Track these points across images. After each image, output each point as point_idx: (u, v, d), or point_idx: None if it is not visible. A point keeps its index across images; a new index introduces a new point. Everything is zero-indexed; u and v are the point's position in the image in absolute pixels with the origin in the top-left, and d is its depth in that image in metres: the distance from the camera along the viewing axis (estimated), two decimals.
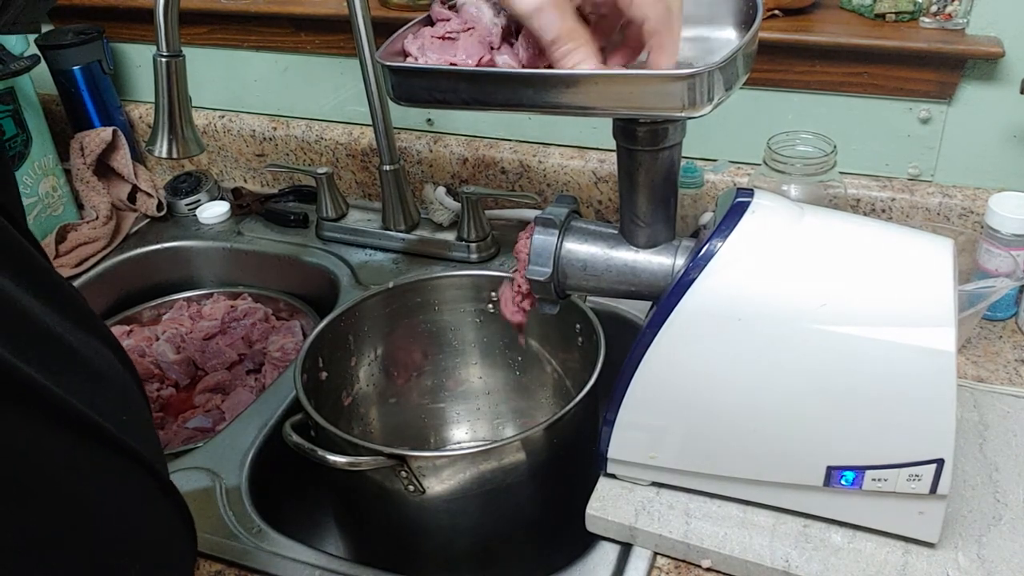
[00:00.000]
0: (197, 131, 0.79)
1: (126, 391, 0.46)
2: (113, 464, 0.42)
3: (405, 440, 0.88)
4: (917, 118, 0.88)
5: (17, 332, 0.37)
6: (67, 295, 0.43)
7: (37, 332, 0.39)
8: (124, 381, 0.46)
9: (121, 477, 0.43)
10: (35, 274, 0.41)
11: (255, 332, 1.01)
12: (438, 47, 0.53)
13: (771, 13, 0.89)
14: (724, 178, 0.96)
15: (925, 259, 0.54)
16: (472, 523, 0.69)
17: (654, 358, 0.57)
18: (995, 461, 0.65)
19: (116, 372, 0.46)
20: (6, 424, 0.35)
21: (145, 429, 0.47)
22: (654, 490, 0.65)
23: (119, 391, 0.45)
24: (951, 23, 0.84)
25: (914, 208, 0.90)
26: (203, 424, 0.92)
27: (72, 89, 1.14)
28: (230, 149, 1.20)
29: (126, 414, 0.44)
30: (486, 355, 0.88)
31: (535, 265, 0.60)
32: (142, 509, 0.45)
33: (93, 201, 1.10)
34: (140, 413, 0.47)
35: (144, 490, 0.45)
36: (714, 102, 0.48)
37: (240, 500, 0.70)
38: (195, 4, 1.10)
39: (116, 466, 0.43)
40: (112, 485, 0.42)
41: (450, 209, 0.99)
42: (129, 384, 0.47)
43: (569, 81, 0.48)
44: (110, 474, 0.42)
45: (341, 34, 1.06)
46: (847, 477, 0.56)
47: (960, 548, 0.58)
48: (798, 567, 0.58)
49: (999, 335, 0.82)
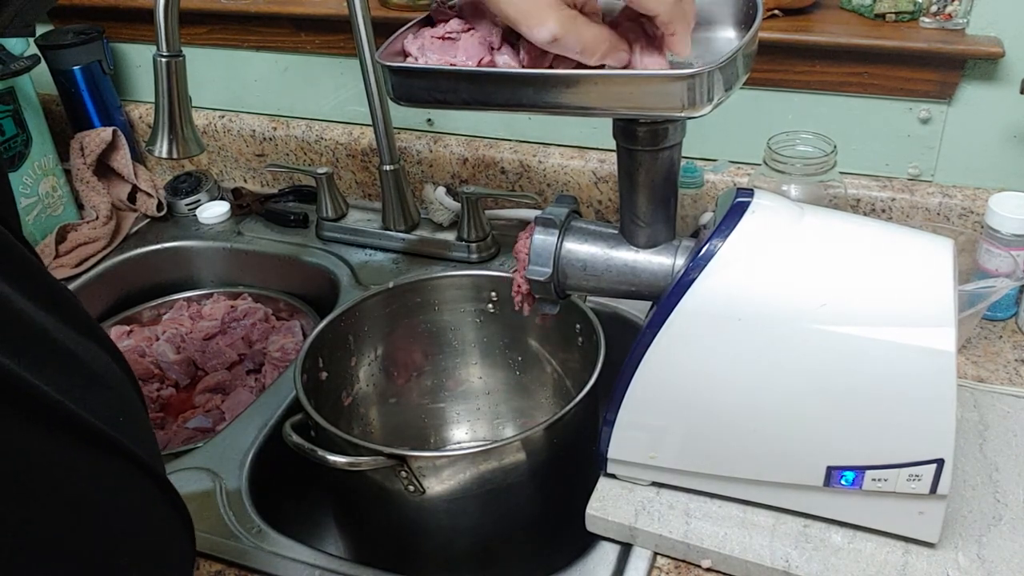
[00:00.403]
0: (197, 131, 0.79)
1: (123, 393, 0.46)
2: (110, 466, 0.42)
3: (405, 440, 0.88)
4: (917, 118, 0.88)
5: (11, 334, 0.37)
6: (63, 298, 0.43)
7: (32, 334, 0.39)
8: (121, 383, 0.47)
9: (118, 479, 0.43)
10: (31, 277, 0.41)
11: (255, 332, 1.01)
12: (438, 47, 0.53)
13: (771, 13, 0.89)
14: (724, 178, 0.96)
15: (925, 259, 0.54)
16: (472, 523, 0.69)
17: (654, 358, 0.57)
18: (995, 461, 0.65)
19: (113, 374, 0.46)
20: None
21: (143, 431, 0.47)
22: (654, 490, 0.65)
23: (116, 393, 0.45)
24: (951, 23, 0.84)
25: (914, 208, 0.90)
26: (203, 424, 0.92)
27: (72, 89, 1.14)
28: (230, 149, 1.20)
29: (123, 416, 0.44)
30: (486, 355, 0.88)
31: (535, 265, 0.60)
32: (140, 510, 0.45)
33: (93, 201, 1.10)
34: (137, 415, 0.47)
35: (142, 491, 0.45)
36: (714, 102, 0.48)
37: (240, 500, 0.70)
38: (195, 4, 1.10)
39: (113, 468, 0.43)
40: (110, 487, 0.42)
41: (450, 209, 0.99)
42: (126, 386, 0.47)
43: (569, 81, 0.48)
44: (108, 476, 0.42)
45: (341, 34, 1.06)
46: (847, 477, 0.56)
47: (960, 548, 0.58)
48: (798, 567, 0.58)
49: (999, 335, 0.82)
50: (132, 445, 0.43)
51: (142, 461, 0.44)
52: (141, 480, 0.45)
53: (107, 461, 0.42)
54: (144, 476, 0.45)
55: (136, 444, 0.44)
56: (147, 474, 0.45)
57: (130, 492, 0.44)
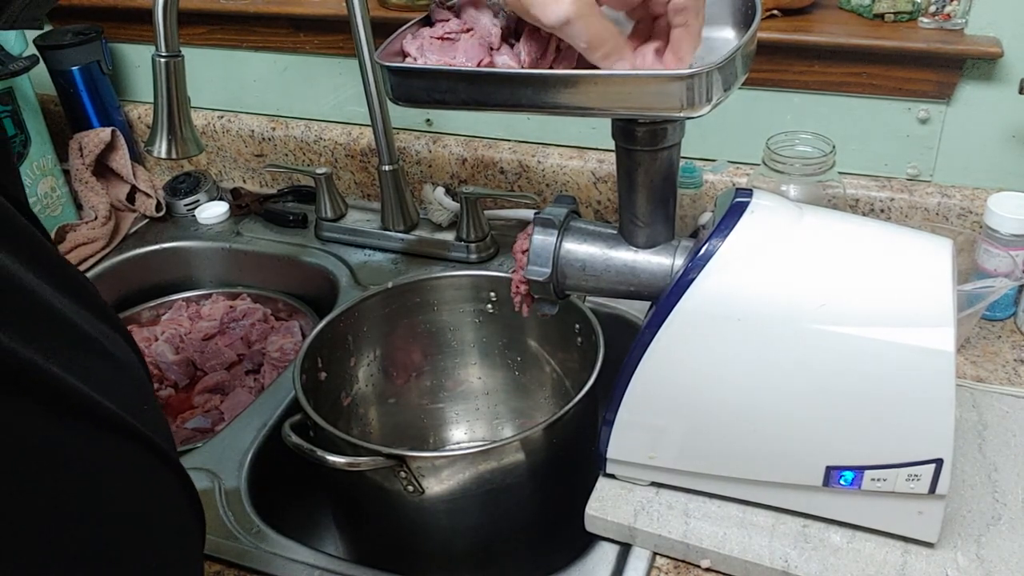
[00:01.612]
0: (196, 131, 0.79)
1: (141, 381, 0.46)
2: (132, 454, 0.42)
3: (404, 440, 0.88)
4: (916, 118, 0.88)
5: (24, 318, 0.37)
6: (79, 283, 0.43)
7: (55, 321, 0.39)
8: (138, 371, 0.47)
9: (139, 467, 0.43)
10: (47, 260, 0.41)
11: (254, 332, 1.01)
12: (438, 48, 0.53)
13: (770, 13, 0.90)
14: (723, 178, 0.96)
15: (924, 259, 0.54)
16: (471, 523, 0.69)
17: (653, 358, 0.57)
18: (994, 461, 0.65)
19: (131, 362, 0.46)
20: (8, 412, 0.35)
21: (159, 418, 0.47)
22: (653, 490, 0.65)
23: (136, 380, 0.45)
24: (950, 23, 0.84)
25: (913, 208, 0.90)
26: (202, 425, 0.92)
27: (71, 89, 1.14)
28: (229, 149, 1.20)
29: (145, 404, 0.44)
30: (485, 355, 0.88)
31: (534, 265, 0.60)
32: (159, 500, 0.45)
33: (92, 201, 1.10)
34: (153, 402, 0.47)
35: (162, 480, 0.45)
36: (712, 102, 0.48)
37: (239, 501, 0.70)
38: (194, 4, 1.10)
39: (135, 456, 0.42)
40: (131, 475, 0.42)
41: (449, 209, 0.99)
42: (142, 374, 0.47)
43: (568, 81, 0.48)
44: (129, 464, 0.42)
45: (340, 34, 1.06)
46: (846, 477, 0.56)
47: (959, 548, 0.58)
48: (797, 567, 0.58)
49: (998, 335, 0.82)
50: (152, 434, 0.43)
51: (161, 449, 0.44)
52: (161, 469, 0.44)
53: (126, 449, 0.42)
54: (163, 464, 0.44)
55: (155, 432, 0.43)
56: (165, 462, 0.44)
57: (151, 481, 0.44)
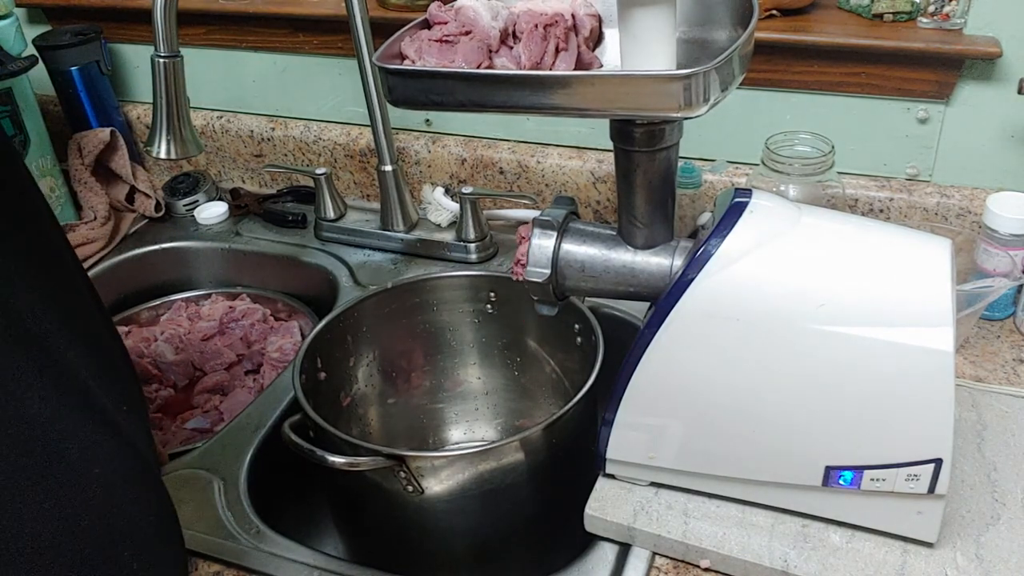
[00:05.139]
0: (195, 131, 0.79)
1: (129, 382, 0.47)
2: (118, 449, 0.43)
3: (404, 440, 0.88)
4: (915, 118, 0.88)
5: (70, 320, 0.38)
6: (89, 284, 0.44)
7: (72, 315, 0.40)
8: (129, 373, 0.47)
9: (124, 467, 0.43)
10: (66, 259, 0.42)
11: (254, 332, 1.01)
12: (436, 50, 0.53)
13: (769, 13, 0.90)
14: (722, 178, 0.96)
15: (923, 259, 0.54)
16: (471, 523, 0.69)
17: (653, 358, 0.57)
18: (993, 461, 0.65)
19: (124, 365, 0.46)
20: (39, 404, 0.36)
21: (144, 421, 0.48)
22: (653, 490, 0.65)
23: (126, 382, 0.46)
24: (949, 23, 0.84)
25: (912, 208, 0.90)
26: (202, 425, 0.92)
27: (70, 90, 1.14)
28: (228, 149, 1.20)
29: (126, 406, 0.45)
30: (485, 355, 0.88)
31: (534, 267, 0.60)
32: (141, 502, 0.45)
33: (91, 202, 1.10)
34: (141, 410, 0.48)
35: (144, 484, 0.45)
36: (710, 102, 0.48)
37: (239, 501, 0.70)
38: (193, 4, 1.10)
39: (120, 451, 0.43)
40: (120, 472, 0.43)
41: (448, 209, 0.99)
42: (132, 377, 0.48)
43: (565, 82, 0.48)
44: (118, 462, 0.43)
45: (339, 35, 1.06)
46: (845, 477, 0.56)
47: (958, 548, 0.58)
48: (796, 567, 0.58)
49: (997, 335, 0.82)
50: (135, 433, 0.44)
51: (140, 453, 0.44)
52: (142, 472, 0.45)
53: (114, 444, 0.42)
54: (146, 471, 0.45)
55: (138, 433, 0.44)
56: (147, 469, 0.45)
57: (134, 482, 0.44)
